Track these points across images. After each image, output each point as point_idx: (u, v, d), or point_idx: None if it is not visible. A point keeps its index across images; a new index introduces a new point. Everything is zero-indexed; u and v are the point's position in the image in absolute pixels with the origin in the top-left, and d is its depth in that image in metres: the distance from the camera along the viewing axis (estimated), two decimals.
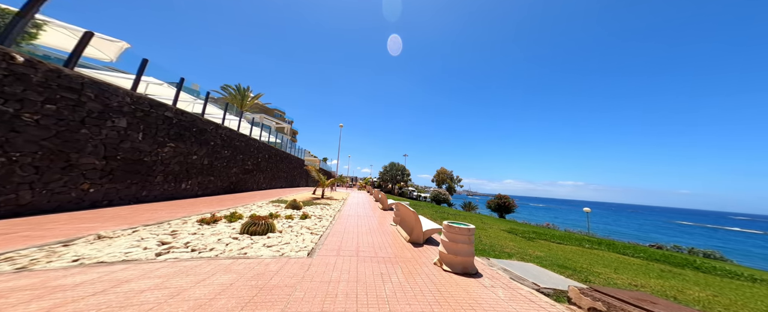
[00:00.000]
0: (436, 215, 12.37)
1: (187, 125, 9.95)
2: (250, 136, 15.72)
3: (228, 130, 12.99)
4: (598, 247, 7.65)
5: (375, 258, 4.63)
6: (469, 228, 4.11)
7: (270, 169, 19.45)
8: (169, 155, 9.09)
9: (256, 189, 16.82)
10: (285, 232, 5.88)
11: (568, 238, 8.79)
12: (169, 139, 9.06)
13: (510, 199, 30.26)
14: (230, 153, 13.22)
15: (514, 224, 11.98)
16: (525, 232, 9.30)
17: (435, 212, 13.83)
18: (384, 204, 12.06)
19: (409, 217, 6.18)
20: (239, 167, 14.25)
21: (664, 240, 31.66)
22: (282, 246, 4.71)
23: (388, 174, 47.35)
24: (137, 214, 6.18)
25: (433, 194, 42.13)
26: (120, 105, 7.24)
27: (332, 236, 6.02)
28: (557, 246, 7.22)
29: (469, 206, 39.33)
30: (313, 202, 12.11)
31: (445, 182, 57.27)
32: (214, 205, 8.82)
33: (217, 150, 12.03)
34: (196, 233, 4.79)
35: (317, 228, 6.66)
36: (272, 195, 14.26)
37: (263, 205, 9.79)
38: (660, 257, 6.68)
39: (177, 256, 3.65)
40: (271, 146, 19.83)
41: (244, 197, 11.83)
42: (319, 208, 10.31)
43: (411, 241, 5.97)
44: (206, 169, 11.28)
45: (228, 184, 13.20)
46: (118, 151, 7.27)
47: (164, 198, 9.00)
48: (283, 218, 7.38)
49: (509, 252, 5.73)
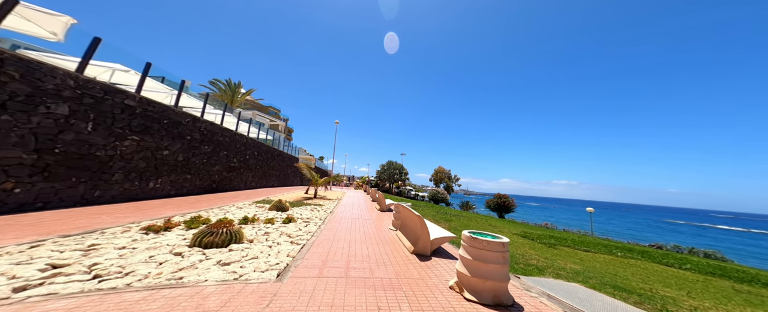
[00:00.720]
0: (437, 216, 11.18)
1: (155, 116, 8.59)
2: (235, 132, 14.35)
3: (208, 123, 11.63)
4: (631, 255, 6.51)
5: (370, 279, 3.39)
6: (503, 242, 2.88)
7: (260, 167, 18.08)
8: (131, 150, 7.73)
9: (244, 188, 15.46)
10: (257, 241, 4.62)
11: (592, 243, 7.66)
12: (130, 131, 7.70)
13: (509, 198, 29.24)
14: (211, 149, 11.86)
15: (525, 227, 10.84)
16: (541, 237, 8.15)
17: (436, 213, 12.62)
18: (382, 205, 10.82)
19: (413, 223, 4.96)
20: (223, 165, 12.89)
21: (660, 239, 30.92)
22: (245, 263, 3.45)
23: (385, 173, 46.09)
24: (71, 220, 4.85)
25: (432, 193, 41.00)
26: (58, 88, 5.89)
27: (318, 246, 4.77)
28: (586, 255, 6.09)
29: (467, 205, 38.29)
30: (304, 203, 10.84)
31: (443, 181, 56.22)
32: (184, 206, 7.49)
33: (194, 145, 10.67)
34: (126, 247, 3.50)
35: (301, 235, 5.40)
36: (259, 195, 12.93)
37: (244, 207, 8.49)
38: (716, 270, 5.53)
39: (52, 291, 2.34)
40: (262, 143, 18.45)
41: (225, 197, 10.50)
42: (308, 210, 9.04)
43: (415, 253, 4.74)
44: (181, 166, 9.92)
45: (209, 182, 11.84)
46: (57, 144, 5.91)
47: (126, 199, 7.64)
48: (262, 223, 6.10)
49: (537, 265, 4.55)
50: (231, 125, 15.03)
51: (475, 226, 9.21)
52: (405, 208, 5.60)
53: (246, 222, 5.75)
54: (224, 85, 25.93)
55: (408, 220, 5.45)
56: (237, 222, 5.75)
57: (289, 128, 50.25)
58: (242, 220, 5.77)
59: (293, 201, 11.32)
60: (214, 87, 25.76)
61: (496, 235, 3.06)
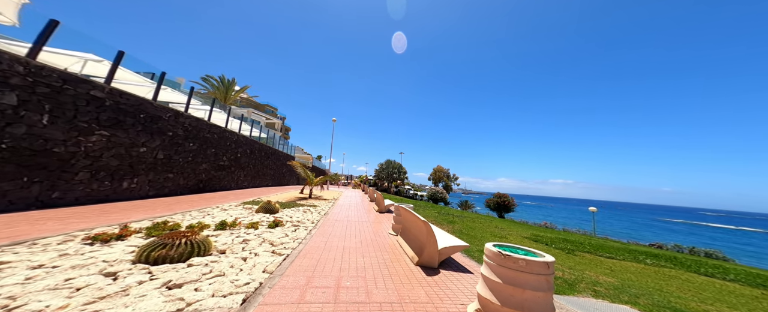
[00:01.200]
0: (439, 217, 10.41)
1: (129, 110, 7.72)
2: (225, 128, 13.47)
3: (194, 119, 10.75)
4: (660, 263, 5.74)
5: (366, 305, 2.61)
6: (547, 262, 2.09)
7: (253, 166, 17.21)
8: (99, 146, 6.86)
9: (235, 188, 14.59)
10: (231, 252, 3.81)
11: (613, 249, 6.88)
12: (99, 125, 6.83)
13: (509, 197, 28.57)
14: (197, 146, 10.99)
15: (533, 229, 10.07)
16: (555, 241, 7.39)
17: (438, 213, 11.85)
18: (380, 206, 10.02)
19: (417, 229, 4.17)
20: (210, 163, 12.02)
21: (657, 238, 30.38)
22: (204, 284, 2.64)
23: (383, 172, 45.29)
24: (5, 228, 4.00)
25: (431, 193, 40.28)
26: (4, 75, 5.03)
27: (304, 257, 3.97)
28: (612, 263, 5.34)
29: (466, 205, 37.60)
30: (297, 204, 10.02)
31: (442, 180, 55.53)
32: (159, 209, 6.64)
33: (178, 142, 9.80)
34: (44, 265, 2.67)
35: (286, 243, 4.59)
36: (250, 195, 12.09)
37: (229, 209, 7.65)
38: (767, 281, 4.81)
39: None
40: (255, 141, 17.57)
41: (211, 198, 9.65)
42: (300, 211, 8.22)
43: (420, 264, 3.96)
44: (161, 164, 9.05)
45: (195, 182, 10.97)
46: (4, 138, 5.05)
47: (94, 200, 6.78)
48: (244, 228, 5.28)
49: (565, 277, 3.78)
50: (220, 121, 14.15)
51: (481, 228, 8.45)
52: (407, 210, 4.81)
53: (223, 227, 4.93)
54: (217, 81, 24.97)
55: (411, 224, 4.66)
56: (213, 227, 4.94)
57: (286, 126, 49.30)
58: (219, 225, 4.95)
59: (286, 202, 10.49)
60: (206, 83, 24.79)
61: (535, 252, 2.27)
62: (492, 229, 8.25)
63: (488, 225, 9.51)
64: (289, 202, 10.49)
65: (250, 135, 17.30)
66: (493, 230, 8.19)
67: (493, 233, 7.56)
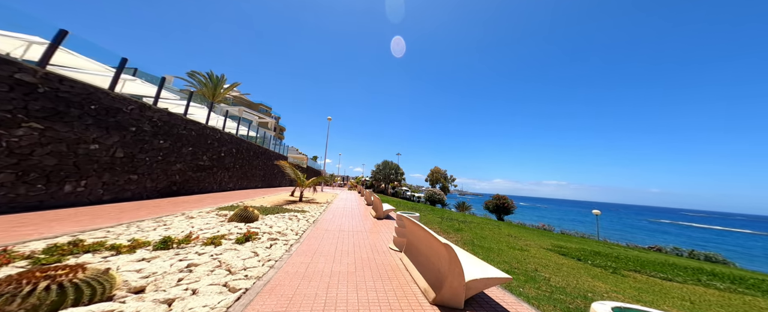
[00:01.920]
0: (444, 224, 9.18)
1: (74, 100, 6.33)
2: (206, 125, 12.06)
3: (164, 113, 9.35)
4: (728, 285, 4.61)
5: None
6: None
7: (240, 167, 15.77)
8: (28, 142, 5.47)
9: (217, 190, 13.15)
10: (154, 288, 2.51)
11: (659, 265, 5.66)
12: (27, 116, 5.44)
13: (509, 199, 27.54)
14: (170, 144, 9.58)
15: (552, 237, 8.79)
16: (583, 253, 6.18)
17: (441, 219, 10.62)
18: (378, 211, 8.74)
19: (432, 250, 2.93)
20: (187, 163, 10.60)
21: (652, 240, 29.60)
22: None
23: (380, 173, 43.99)
24: None
25: (428, 194, 39.15)
26: None
27: (270, 294, 2.69)
28: (671, 285, 4.20)
29: (463, 206, 36.55)
30: (284, 208, 8.69)
31: (439, 182, 54.44)
32: (101, 218, 5.26)
33: (143, 139, 8.39)
34: None
35: (251, 268, 3.31)
36: (232, 198, 10.70)
37: (197, 216, 6.28)
38: None
39: None
40: (242, 139, 16.14)
41: (182, 203, 8.25)
42: (285, 219, 6.91)
43: (439, 303, 2.71)
44: (121, 164, 7.64)
45: (167, 184, 9.55)
46: None
47: (22, 208, 5.37)
48: (199, 244, 3.97)
49: None
50: (203, 118, 12.73)
51: (494, 238, 7.23)
52: (415, 224, 3.56)
53: (166, 246, 3.60)
54: (204, 77, 23.40)
55: (421, 242, 3.41)
56: (152, 246, 3.61)
57: (280, 126, 47.67)
58: (160, 243, 3.61)
59: (271, 206, 9.15)
60: (192, 80, 23.22)
61: None
62: (506, 239, 7.05)
63: (499, 233, 8.31)
64: (274, 206, 9.14)
65: (237, 133, 15.87)
66: (508, 240, 6.98)
67: (510, 244, 6.36)
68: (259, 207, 8.52)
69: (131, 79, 9.85)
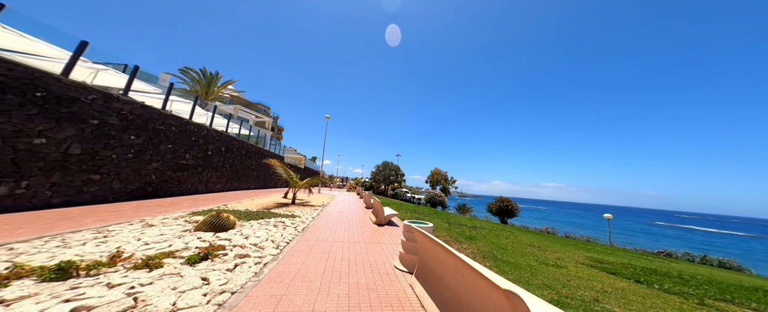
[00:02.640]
0: (453, 230, 8.04)
1: (11, 85, 5.19)
2: (189, 120, 10.90)
3: (136, 105, 8.20)
4: None
5: None
6: None
7: (230, 166, 14.59)
8: None
9: (203, 191, 11.97)
10: None
11: (746, 291, 4.43)
12: None
13: (512, 202, 26.40)
14: (144, 140, 8.42)
15: (585, 249, 7.48)
16: (634, 271, 5.01)
17: (449, 224, 9.47)
18: (379, 216, 7.58)
19: (477, 293, 1.81)
20: (165, 161, 9.43)
21: (655, 245, 28.30)
22: None
23: (380, 174, 42.83)
24: None
25: (429, 196, 37.97)
26: None
27: None
28: None
29: (464, 208, 35.41)
30: (271, 213, 7.54)
31: (439, 183, 53.30)
32: (41, 226, 4.10)
33: (108, 133, 7.23)
34: None
35: (186, 309, 2.17)
36: (217, 200, 9.54)
37: (161, 223, 5.12)
38: None
39: None
40: (234, 137, 14.97)
41: (152, 207, 7.08)
42: (269, 226, 5.76)
43: None
44: (78, 162, 6.48)
45: (140, 185, 8.38)
46: None
47: None
48: (129, 267, 2.83)
49: None
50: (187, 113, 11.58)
51: (517, 250, 6.10)
52: (433, 241, 2.44)
53: (64, 274, 2.43)
54: (198, 74, 22.25)
55: (446, 270, 2.28)
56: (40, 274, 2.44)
57: (278, 126, 46.45)
58: (54, 270, 2.44)
59: (257, 210, 7.99)
60: (185, 76, 22.06)
61: None
62: (531, 251, 5.90)
63: (517, 242, 7.16)
64: (261, 210, 7.98)
65: (227, 130, 14.71)
66: (535, 252, 5.82)
67: (539, 258, 5.24)
68: (243, 211, 7.36)
69: (104, 69, 8.72)
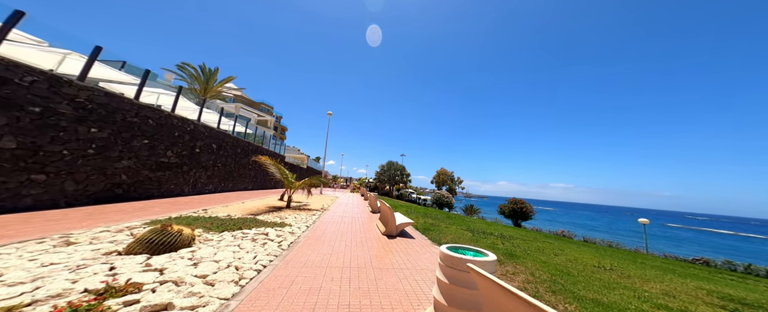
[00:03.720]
0: (479, 240, 6.48)
1: None
2: (171, 113, 9.53)
3: (99, 93, 6.83)
4: None
5: None
6: None
7: (223, 165, 13.24)
8: None
9: (190, 193, 10.60)
10: None
11: None
12: None
13: (526, 203, 24.52)
14: (109, 134, 7.05)
15: (673, 269, 5.86)
16: None
17: (471, 233, 7.87)
18: (389, 225, 6.03)
19: None
20: (140, 159, 8.06)
21: (677, 249, 25.61)
22: None
23: (385, 174, 41.28)
24: None
25: (436, 197, 36.23)
26: None
27: None
28: None
29: (471, 209, 33.59)
30: (258, 220, 6.08)
31: (445, 183, 51.50)
32: None
33: (57, 124, 5.87)
34: None
35: None
36: (202, 203, 8.14)
37: (91, 240, 3.68)
38: None
39: None
40: (227, 134, 13.62)
41: (111, 212, 5.68)
42: (244, 241, 4.29)
43: None
44: (13, 158, 5.12)
45: (106, 186, 7.01)
46: None
47: None
48: None
49: None
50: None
51: (578, 270, 4.50)
52: (510, 294, 0.92)
53: None
54: (195, 70, 21.06)
55: None
56: None
57: (282, 126, 45.32)
58: None
59: (243, 216, 6.54)
60: (182, 72, 20.90)
61: None
62: (609, 277, 4.25)
63: (573, 260, 5.43)
64: (246, 216, 6.51)
65: (219, 126, 13.36)
66: (617, 280, 4.20)
67: (636, 291, 3.66)
68: (222, 219, 5.90)
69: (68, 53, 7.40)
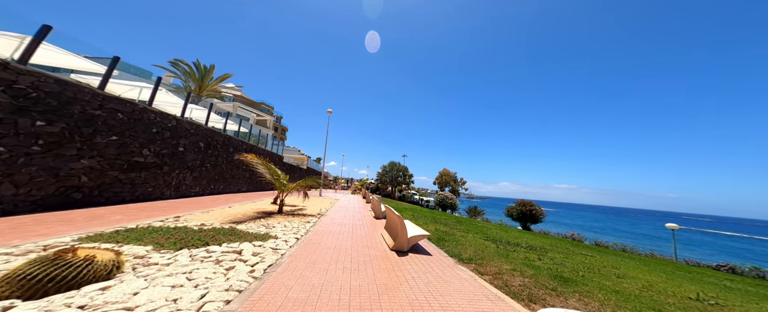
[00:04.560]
0: (510, 256, 5.24)
1: None
2: (147, 107, 8.36)
3: (48, 80, 5.66)
4: None
5: None
6: None
7: (212, 165, 12.06)
8: None
9: (172, 196, 9.40)
10: None
11: None
12: None
13: (536, 205, 23.06)
14: (63, 128, 5.87)
15: (727, 286, 4.74)
16: None
17: (496, 245, 6.61)
18: (399, 238, 4.79)
19: None
20: (106, 158, 6.87)
21: (691, 253, 23.90)
22: None
23: (387, 175, 39.99)
24: None
25: (439, 198, 34.88)
26: None
27: None
28: None
29: (475, 211, 32.16)
30: (237, 231, 4.87)
31: (448, 185, 50.12)
32: None
33: None
34: None
35: None
36: (180, 208, 6.94)
37: None
38: None
39: None
40: (216, 131, 12.45)
41: (57, 221, 4.48)
42: (200, 267, 3.07)
43: None
44: None
45: (60, 190, 5.82)
46: None
47: None
48: None
49: None
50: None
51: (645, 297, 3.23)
52: None
53: None
54: (189, 67, 19.99)
55: None
56: None
57: (282, 126, 44.20)
58: None
59: (223, 225, 5.32)
60: (176, 69, 19.83)
61: None
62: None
63: (645, 283, 4.19)
64: (222, 227, 5.29)
65: (207, 123, 12.19)
66: (696, 305, 2.97)
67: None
68: (191, 230, 4.67)
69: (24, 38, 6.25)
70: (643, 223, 66.70)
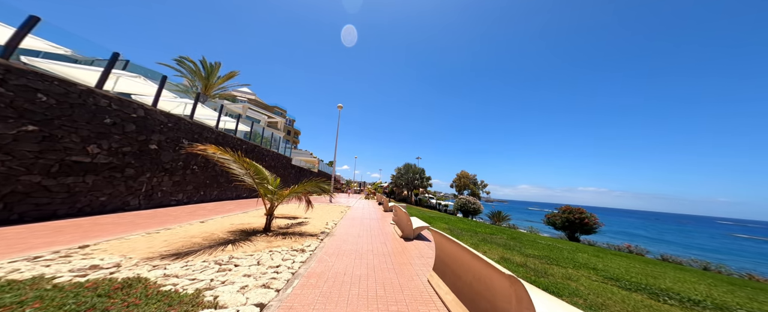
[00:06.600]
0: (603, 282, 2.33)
1: None
2: (94, 89, 6.24)
3: None
4: None
5: None
6: None
7: (201, 169, 9.91)
8: None
9: (137, 207, 7.22)
10: None
11: None
12: None
13: (588, 213, 18.87)
14: None
15: None
16: None
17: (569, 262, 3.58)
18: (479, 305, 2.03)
19: None
20: (23, 159, 4.71)
21: None
22: None
23: (402, 178, 37.12)
24: None
25: (460, 203, 31.33)
26: None
27: None
28: None
29: (499, 216, 28.09)
30: (148, 285, 2.42)
31: (467, 188, 46.25)
32: None
33: None
34: None
35: None
36: (99, 230, 4.64)
37: None
38: None
39: None
40: (203, 125, 10.33)
41: None
42: None
43: None
44: None
45: None
46: None
47: None
48: None
49: None
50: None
51: None
52: None
53: None
54: (195, 64, 18.56)
55: None
56: None
57: (295, 130, 42.84)
58: None
59: (132, 269, 2.86)
60: (181, 67, 18.46)
61: None
62: None
63: None
64: (130, 276, 2.84)
65: (192, 117, 10.10)
66: None
67: None
68: (66, 281, 2.22)
69: None
70: (694, 231, 57.64)
